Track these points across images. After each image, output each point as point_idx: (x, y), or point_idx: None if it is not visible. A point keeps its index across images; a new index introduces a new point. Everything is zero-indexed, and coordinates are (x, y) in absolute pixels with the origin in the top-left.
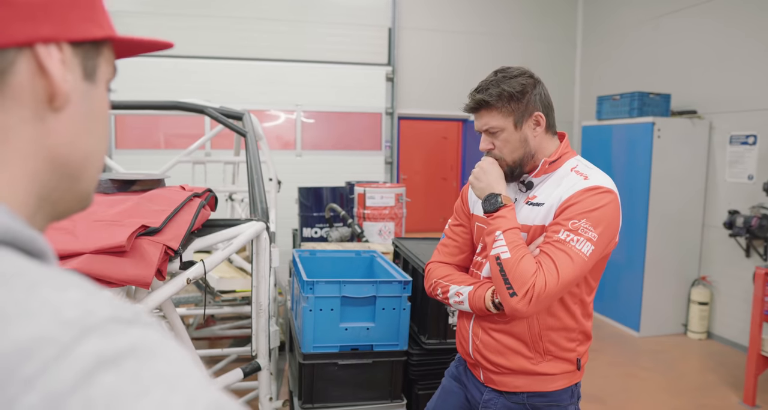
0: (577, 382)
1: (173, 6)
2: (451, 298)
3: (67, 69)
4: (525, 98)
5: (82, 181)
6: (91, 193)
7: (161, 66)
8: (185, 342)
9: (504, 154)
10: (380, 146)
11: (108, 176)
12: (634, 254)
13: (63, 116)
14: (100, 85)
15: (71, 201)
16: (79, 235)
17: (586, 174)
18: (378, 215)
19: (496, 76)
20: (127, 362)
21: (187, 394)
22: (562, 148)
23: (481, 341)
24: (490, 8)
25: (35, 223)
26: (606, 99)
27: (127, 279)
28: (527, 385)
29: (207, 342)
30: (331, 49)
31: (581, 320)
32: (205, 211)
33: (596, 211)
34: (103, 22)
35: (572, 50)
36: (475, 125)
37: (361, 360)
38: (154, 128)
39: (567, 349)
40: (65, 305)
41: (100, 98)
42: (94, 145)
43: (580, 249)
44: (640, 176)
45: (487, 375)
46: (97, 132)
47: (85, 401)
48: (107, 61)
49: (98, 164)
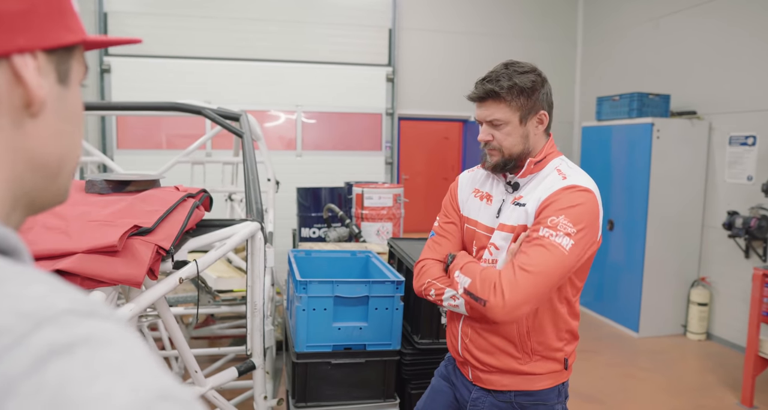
0: (564, 381)
1: (174, 7)
2: (446, 300)
3: (42, 76)
4: (534, 95)
5: (60, 179)
6: (68, 188)
7: (163, 67)
8: (179, 341)
9: (503, 146)
10: (380, 146)
11: (103, 177)
12: (633, 254)
13: (40, 120)
14: (73, 86)
15: (49, 197)
16: (72, 235)
17: (566, 174)
18: (376, 216)
19: (507, 69)
20: (80, 350)
21: (134, 380)
22: (547, 148)
23: (471, 339)
24: (490, 8)
25: (11, 221)
26: (606, 100)
27: (119, 278)
28: (514, 384)
29: (207, 341)
30: (332, 49)
31: (568, 319)
32: (198, 211)
33: (574, 208)
34: (74, 27)
35: (573, 50)
36: (477, 113)
37: (354, 359)
38: (156, 128)
39: (555, 349)
40: (25, 299)
41: (73, 99)
42: (70, 144)
43: (559, 242)
44: (640, 176)
45: (476, 373)
46: (72, 132)
47: (37, 385)
48: (78, 61)
49: (74, 161)
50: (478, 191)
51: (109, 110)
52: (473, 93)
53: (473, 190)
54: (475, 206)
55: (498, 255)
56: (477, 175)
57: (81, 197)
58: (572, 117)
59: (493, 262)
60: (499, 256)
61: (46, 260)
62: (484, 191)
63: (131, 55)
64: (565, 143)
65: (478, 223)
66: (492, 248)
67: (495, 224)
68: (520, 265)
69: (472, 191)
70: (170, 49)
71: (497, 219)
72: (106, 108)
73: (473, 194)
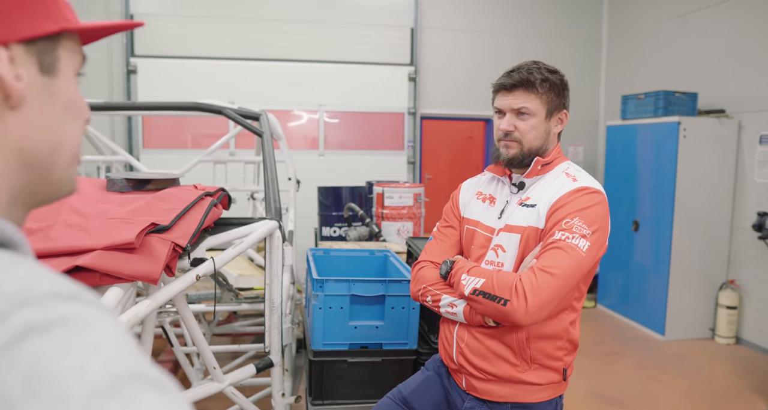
0: (561, 394)
1: (198, 8)
2: (443, 307)
3: (20, 67)
4: (562, 94)
5: (56, 169)
6: (71, 179)
7: (188, 68)
8: (197, 337)
9: (526, 139)
10: (403, 145)
11: (123, 176)
12: (659, 255)
13: (22, 112)
14: (64, 76)
15: (50, 189)
16: (92, 232)
17: (576, 176)
18: (396, 215)
19: (537, 65)
20: (56, 330)
21: (106, 356)
22: (555, 152)
23: (467, 344)
24: (513, 7)
25: (12, 214)
26: (630, 98)
27: (136, 275)
28: (512, 395)
29: (230, 338)
30: (354, 49)
31: (569, 328)
32: (216, 210)
33: (588, 210)
34: (57, 16)
35: (597, 49)
36: (501, 102)
37: (370, 358)
38: (181, 128)
39: (554, 358)
40: (9, 281)
41: (64, 89)
42: (62, 134)
43: (576, 244)
44: (666, 176)
45: (470, 381)
46: (65, 122)
47: (12, 361)
48: (69, 51)
49: (70, 152)
50: (481, 194)
51: (133, 110)
52: (504, 80)
53: (476, 193)
54: (476, 207)
55: (504, 258)
56: (480, 180)
57: (102, 195)
58: (597, 116)
59: (499, 265)
60: (506, 258)
61: (66, 256)
62: (487, 194)
63: (157, 56)
64: (590, 142)
65: (479, 223)
66: (499, 250)
67: (497, 225)
68: (541, 268)
69: (474, 193)
70: (195, 50)
71: (500, 220)
72: (130, 108)
73: (476, 196)
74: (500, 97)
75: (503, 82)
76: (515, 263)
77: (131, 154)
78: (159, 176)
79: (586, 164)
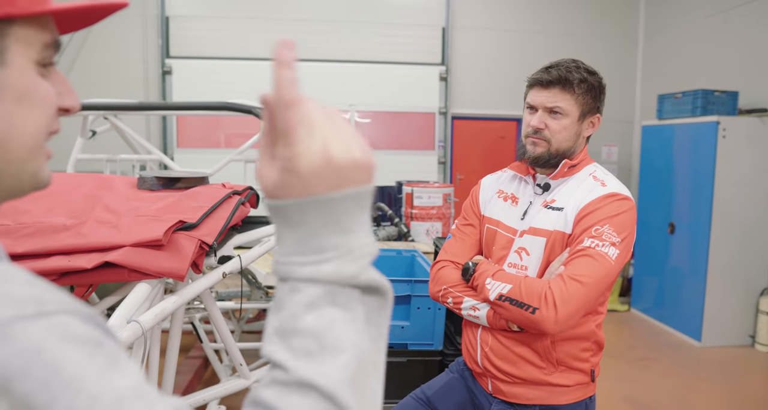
0: (591, 395)
1: (231, 10)
2: (465, 310)
3: None
4: (599, 97)
5: (12, 163)
6: (35, 171)
7: (221, 68)
8: (224, 334)
9: (555, 139)
10: (433, 145)
11: (154, 174)
12: (696, 259)
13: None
14: (15, 66)
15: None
16: (122, 229)
17: (604, 180)
18: (425, 215)
19: (576, 64)
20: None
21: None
22: (582, 155)
23: (491, 348)
24: (545, 6)
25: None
26: (667, 97)
27: (163, 271)
28: (540, 398)
29: (259, 335)
30: (385, 49)
31: (595, 330)
32: (244, 208)
33: (617, 217)
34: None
35: (633, 47)
36: (535, 98)
37: (395, 358)
38: (215, 127)
39: (581, 359)
40: None
41: (16, 79)
42: (13, 126)
43: (605, 252)
44: (703, 178)
45: (496, 385)
46: (18, 113)
47: None
48: (24, 40)
49: (25, 143)
50: (502, 192)
51: (165, 109)
52: (540, 76)
53: (497, 191)
54: (498, 206)
55: (529, 261)
56: (501, 177)
57: (133, 193)
58: (632, 116)
59: (523, 268)
60: (530, 262)
61: (96, 252)
62: (509, 192)
63: (191, 57)
64: (625, 143)
65: (501, 223)
66: (522, 253)
67: (519, 226)
68: (571, 276)
69: (495, 192)
70: (229, 51)
71: (523, 221)
72: (162, 108)
73: (496, 195)
74: (534, 92)
75: (540, 78)
76: (540, 267)
77: (165, 153)
78: (188, 175)
79: (620, 165)
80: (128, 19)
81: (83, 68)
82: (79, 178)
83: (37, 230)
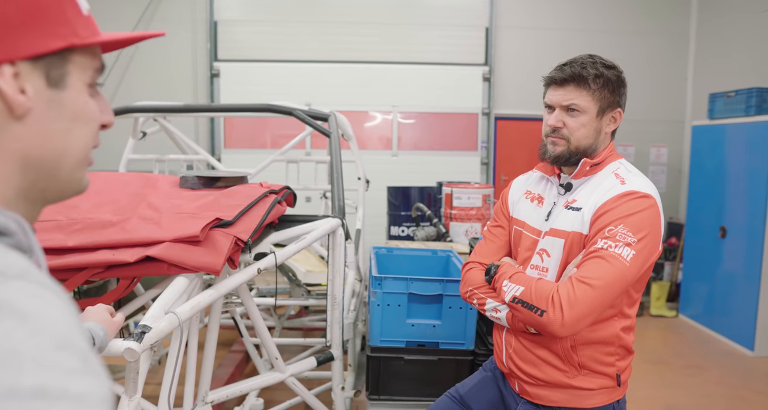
0: (619, 399)
1: (276, 13)
2: (488, 311)
3: (25, 82)
4: (618, 91)
5: (62, 171)
6: (80, 179)
7: (267, 71)
8: (260, 328)
9: (574, 137)
10: (476, 146)
11: (195, 174)
12: (750, 265)
13: (28, 122)
14: (73, 88)
15: (57, 187)
16: (163, 225)
17: (625, 178)
18: (464, 216)
19: (593, 59)
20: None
21: (37, 327)
22: (607, 152)
23: (515, 350)
24: (587, 4)
25: (20, 209)
26: (719, 96)
27: (199, 266)
28: (564, 400)
29: (301, 332)
30: (428, 50)
31: (621, 334)
32: (280, 207)
33: (633, 216)
34: (66, 33)
35: (683, 44)
36: (552, 97)
37: (426, 356)
38: (262, 128)
39: (605, 363)
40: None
41: (72, 100)
42: (68, 142)
43: (619, 253)
44: (758, 180)
45: (522, 386)
46: (72, 130)
47: None
48: (81, 65)
49: (77, 156)
50: (530, 193)
51: (208, 111)
52: (555, 74)
53: (525, 191)
54: (525, 207)
55: (549, 263)
56: (531, 177)
57: (175, 191)
58: (683, 116)
59: (543, 270)
60: (550, 264)
61: (139, 247)
62: (536, 193)
63: (238, 60)
64: (675, 143)
65: (526, 224)
66: (544, 254)
67: (543, 227)
68: (579, 278)
69: (523, 192)
70: (274, 54)
71: (546, 222)
72: (205, 110)
73: (524, 195)
74: (551, 91)
75: (554, 76)
76: (559, 269)
77: (213, 153)
78: (228, 174)
79: (669, 167)
80: (179, 25)
81: (137, 72)
82: (127, 177)
83: (86, 225)
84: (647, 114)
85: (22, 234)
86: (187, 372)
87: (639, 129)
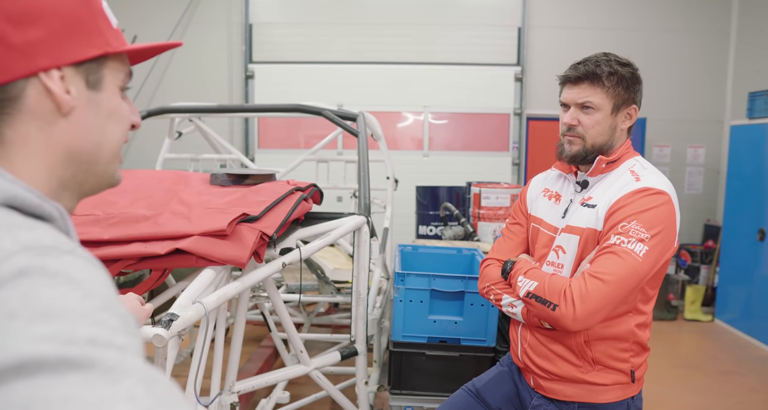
0: (633, 395)
1: (309, 16)
2: (504, 307)
3: (70, 84)
4: (632, 88)
5: (99, 164)
6: (113, 172)
7: (301, 72)
8: (286, 322)
9: (589, 135)
10: (508, 147)
11: (225, 171)
12: None
13: (72, 118)
14: (108, 90)
15: (94, 180)
16: (192, 219)
17: (640, 175)
18: (492, 216)
19: (607, 56)
20: (43, 275)
21: (86, 291)
22: (623, 149)
23: (529, 344)
24: (620, 2)
25: (62, 199)
26: (759, 95)
27: (226, 259)
28: (578, 395)
29: (330, 328)
30: (460, 50)
31: (635, 330)
32: (306, 204)
33: (647, 212)
34: (100, 43)
35: (723, 43)
36: (566, 96)
37: (448, 352)
38: (295, 129)
39: (619, 359)
40: (23, 235)
41: (107, 101)
42: (105, 136)
43: (632, 249)
44: None
45: (537, 380)
46: (107, 126)
47: (16, 284)
48: (114, 70)
49: (111, 150)
50: (548, 191)
51: (240, 112)
52: (569, 73)
53: (543, 189)
54: (542, 205)
55: (564, 259)
56: (549, 175)
57: (205, 188)
58: (721, 115)
59: (559, 266)
60: (565, 260)
61: (169, 240)
62: (553, 191)
63: (272, 62)
64: (713, 143)
65: (543, 221)
66: (559, 251)
67: (560, 224)
68: (592, 273)
69: (542, 190)
70: (307, 56)
71: (563, 219)
72: (237, 111)
73: (542, 193)
74: (565, 90)
75: (568, 75)
76: (574, 265)
77: (247, 153)
78: (256, 172)
79: (707, 167)
80: (214, 27)
81: (174, 73)
82: (162, 174)
83: (121, 220)
84: (683, 114)
85: (62, 221)
86: (214, 364)
87: (675, 129)
